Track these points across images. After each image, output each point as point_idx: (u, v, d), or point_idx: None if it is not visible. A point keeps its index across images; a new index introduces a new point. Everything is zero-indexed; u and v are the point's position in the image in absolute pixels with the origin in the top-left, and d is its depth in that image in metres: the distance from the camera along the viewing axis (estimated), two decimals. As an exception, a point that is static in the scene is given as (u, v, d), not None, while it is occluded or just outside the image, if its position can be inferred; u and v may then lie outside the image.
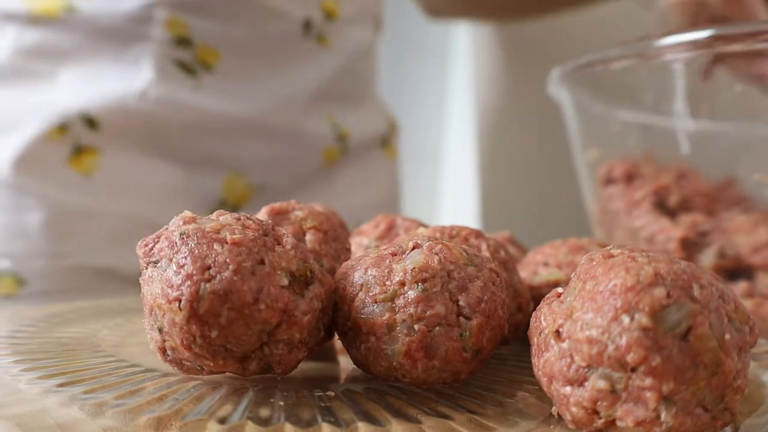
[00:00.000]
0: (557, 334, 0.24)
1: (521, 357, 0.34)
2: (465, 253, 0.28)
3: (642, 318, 0.22)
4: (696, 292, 0.22)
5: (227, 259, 0.25)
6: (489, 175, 1.07)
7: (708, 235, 0.49)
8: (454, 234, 0.34)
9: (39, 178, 0.60)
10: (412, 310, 0.26)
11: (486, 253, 0.33)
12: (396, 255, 0.28)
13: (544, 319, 0.26)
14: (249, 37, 0.67)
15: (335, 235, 0.35)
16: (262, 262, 0.25)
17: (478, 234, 0.34)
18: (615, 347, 0.22)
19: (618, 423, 0.23)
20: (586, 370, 0.23)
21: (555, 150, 0.81)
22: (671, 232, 0.50)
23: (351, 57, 0.76)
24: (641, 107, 0.57)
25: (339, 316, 0.29)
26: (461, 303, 0.27)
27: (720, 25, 0.45)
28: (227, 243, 0.25)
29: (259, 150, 0.69)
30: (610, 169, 0.57)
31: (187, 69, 0.64)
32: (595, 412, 0.23)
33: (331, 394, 0.27)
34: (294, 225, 0.34)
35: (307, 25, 0.70)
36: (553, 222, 0.90)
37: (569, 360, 0.23)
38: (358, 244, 0.38)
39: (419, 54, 1.21)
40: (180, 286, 0.24)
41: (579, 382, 0.23)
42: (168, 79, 0.63)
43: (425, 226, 0.37)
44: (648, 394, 0.22)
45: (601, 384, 0.23)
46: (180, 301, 0.24)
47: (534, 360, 0.26)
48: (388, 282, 0.27)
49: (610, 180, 0.57)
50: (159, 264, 0.26)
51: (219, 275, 0.24)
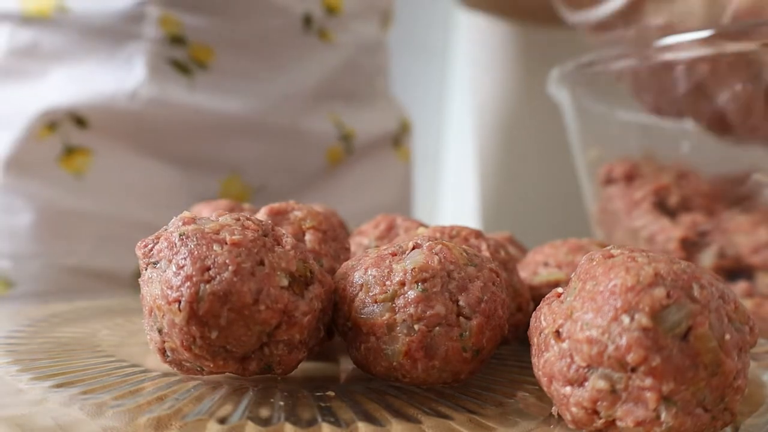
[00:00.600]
0: (557, 334, 0.24)
1: (521, 357, 0.34)
2: (465, 253, 0.28)
3: (642, 318, 0.22)
4: (696, 292, 0.22)
5: (227, 260, 0.25)
6: (489, 175, 1.07)
7: (708, 235, 0.49)
8: (454, 234, 0.34)
9: (29, 178, 0.60)
10: (412, 310, 0.26)
11: (486, 253, 0.33)
12: (396, 255, 0.28)
13: (544, 319, 0.26)
14: (245, 34, 0.65)
15: (335, 235, 0.35)
16: (261, 262, 0.25)
17: (478, 234, 0.34)
18: (615, 347, 0.22)
19: (618, 423, 0.23)
20: (586, 370, 0.23)
21: (555, 150, 0.81)
22: (671, 232, 0.50)
23: (356, 53, 0.73)
24: (641, 107, 0.58)
25: (339, 316, 0.29)
26: (461, 303, 0.27)
27: (720, 25, 0.45)
28: (227, 244, 0.25)
29: (258, 150, 0.68)
30: (610, 169, 0.57)
31: (181, 67, 0.63)
32: (595, 412, 0.23)
33: (331, 394, 0.27)
34: (293, 225, 0.34)
35: (308, 20, 0.68)
36: (553, 222, 0.90)
37: (569, 360, 0.23)
38: (358, 244, 0.38)
39: (419, 54, 1.20)
40: (180, 287, 0.24)
41: (579, 382, 0.23)
42: (161, 78, 0.62)
43: (425, 226, 0.37)
44: (648, 394, 0.22)
45: (601, 384, 0.23)
46: (180, 302, 0.24)
47: (534, 360, 0.26)
48: (388, 282, 0.27)
49: (610, 180, 0.57)
50: (158, 265, 0.26)
51: (219, 276, 0.24)
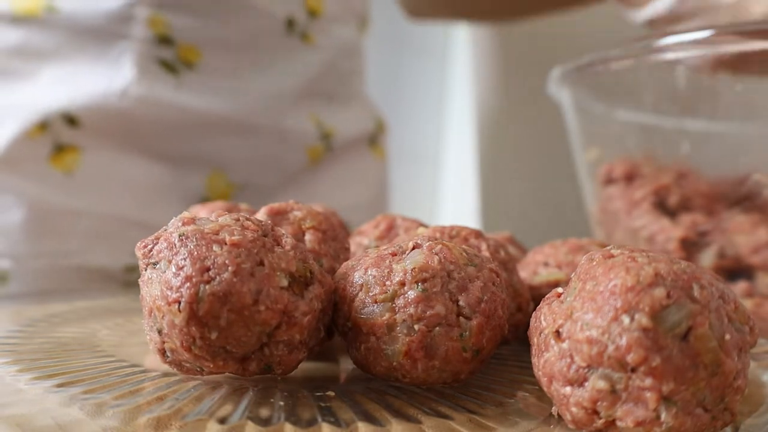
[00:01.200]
0: (557, 334, 0.24)
1: (521, 357, 0.34)
2: (465, 253, 0.28)
3: (642, 318, 0.22)
4: (696, 292, 0.22)
5: (226, 261, 0.25)
6: (489, 175, 1.07)
7: (708, 235, 0.49)
8: (454, 234, 0.34)
9: (19, 176, 0.60)
10: (412, 310, 0.26)
11: (486, 253, 0.33)
12: (396, 255, 0.28)
13: (544, 319, 0.26)
14: (231, 35, 0.67)
15: (334, 235, 0.35)
16: (261, 263, 0.25)
17: (478, 234, 0.34)
18: (615, 347, 0.22)
19: (618, 423, 0.23)
20: (586, 370, 0.23)
21: (555, 150, 0.81)
22: (671, 232, 0.50)
23: (335, 55, 0.75)
24: (641, 107, 0.57)
25: (339, 316, 0.29)
26: (461, 303, 0.27)
27: (720, 25, 0.45)
28: (226, 244, 0.25)
29: (242, 148, 0.69)
30: (610, 169, 0.57)
31: (169, 67, 0.64)
32: (595, 412, 0.23)
33: (331, 394, 0.27)
34: (293, 225, 0.34)
35: (290, 23, 0.70)
36: (553, 222, 0.90)
37: (569, 360, 0.23)
38: (357, 244, 0.38)
39: (419, 54, 1.20)
40: (179, 287, 0.24)
41: (579, 382, 0.23)
42: (150, 78, 0.63)
43: (425, 226, 0.37)
44: (648, 394, 0.22)
45: (601, 384, 0.23)
46: (179, 303, 0.24)
47: (534, 360, 0.26)
48: (388, 282, 0.27)
49: (610, 180, 0.57)
50: (158, 265, 0.26)
51: (218, 277, 0.24)
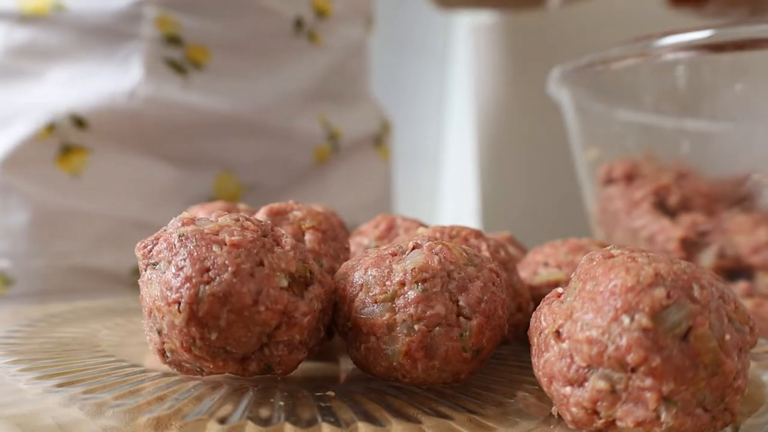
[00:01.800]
0: (557, 334, 0.24)
1: (521, 357, 0.34)
2: (465, 253, 0.28)
3: (642, 318, 0.22)
4: (696, 292, 0.22)
5: (226, 261, 0.25)
6: (489, 175, 1.07)
7: (708, 235, 0.49)
8: (454, 234, 0.34)
9: (26, 177, 0.60)
10: (412, 310, 0.26)
11: (486, 253, 0.33)
12: (396, 255, 0.28)
13: (544, 319, 0.26)
14: (240, 36, 0.67)
15: (334, 235, 0.35)
16: (261, 263, 0.25)
17: (478, 234, 0.34)
18: (615, 347, 0.22)
19: (618, 423, 0.23)
20: (586, 370, 0.23)
21: (555, 150, 0.81)
22: (671, 232, 0.50)
23: (343, 55, 0.75)
24: (641, 107, 0.57)
25: (339, 316, 0.29)
26: (461, 303, 0.27)
27: (719, 26, 0.45)
28: (226, 245, 0.25)
29: (250, 149, 0.69)
30: (610, 169, 0.57)
31: (178, 67, 0.64)
32: (595, 412, 0.23)
33: (331, 394, 0.27)
34: (293, 225, 0.34)
35: (299, 24, 0.70)
36: (553, 222, 0.90)
37: (569, 360, 0.23)
38: (357, 244, 0.38)
39: (419, 54, 1.21)
40: (179, 288, 0.24)
41: (579, 382, 0.23)
42: (158, 78, 0.63)
43: (425, 226, 0.37)
44: (648, 394, 0.22)
45: (601, 384, 0.23)
46: (179, 304, 0.24)
47: (534, 360, 0.26)
48: (388, 282, 0.27)
49: (610, 180, 0.57)
50: (158, 266, 0.25)
51: (218, 277, 0.24)
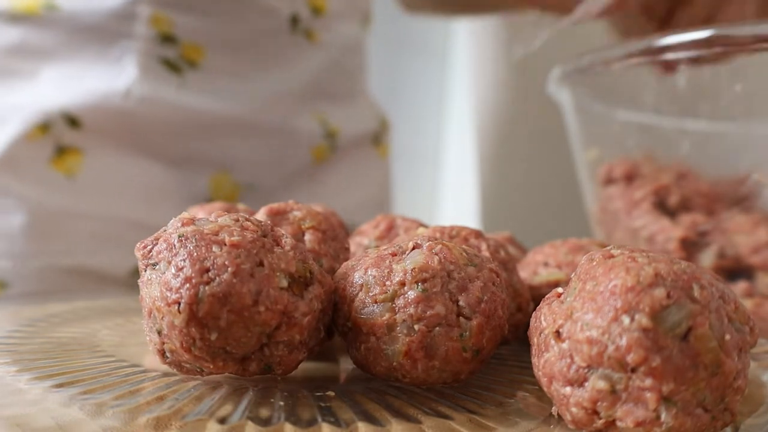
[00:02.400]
0: (557, 334, 0.24)
1: (521, 357, 0.34)
2: (465, 253, 0.28)
3: (642, 318, 0.22)
4: (696, 292, 0.22)
5: (226, 262, 0.25)
6: (489, 175, 1.07)
7: (708, 235, 0.49)
8: (454, 234, 0.34)
9: (20, 178, 0.59)
10: (412, 310, 0.26)
11: (486, 253, 0.33)
12: (396, 255, 0.28)
13: (544, 320, 0.26)
14: (235, 34, 0.66)
15: (334, 235, 0.35)
16: (261, 263, 0.25)
17: (478, 234, 0.34)
18: (615, 348, 0.22)
19: (618, 423, 0.23)
20: (586, 370, 0.23)
21: (555, 150, 0.81)
22: (671, 232, 0.50)
23: (339, 53, 0.75)
24: (641, 107, 0.57)
25: (339, 316, 0.29)
26: (461, 303, 0.27)
27: (720, 26, 0.45)
28: (226, 245, 0.25)
29: (247, 148, 0.68)
30: (610, 169, 0.57)
31: (172, 66, 0.63)
32: (595, 412, 0.23)
33: (331, 394, 0.27)
34: (293, 225, 0.34)
35: (295, 21, 0.69)
36: (553, 222, 0.90)
37: (569, 360, 0.23)
38: (357, 244, 0.38)
39: (419, 54, 1.20)
40: (179, 288, 0.24)
41: (579, 382, 0.23)
42: (152, 77, 0.62)
43: (425, 226, 0.37)
44: (648, 394, 0.22)
45: (601, 384, 0.23)
46: (179, 304, 0.24)
47: (534, 360, 0.26)
48: (388, 282, 0.27)
49: (610, 180, 0.57)
50: (158, 266, 0.25)
51: (218, 278, 0.24)
